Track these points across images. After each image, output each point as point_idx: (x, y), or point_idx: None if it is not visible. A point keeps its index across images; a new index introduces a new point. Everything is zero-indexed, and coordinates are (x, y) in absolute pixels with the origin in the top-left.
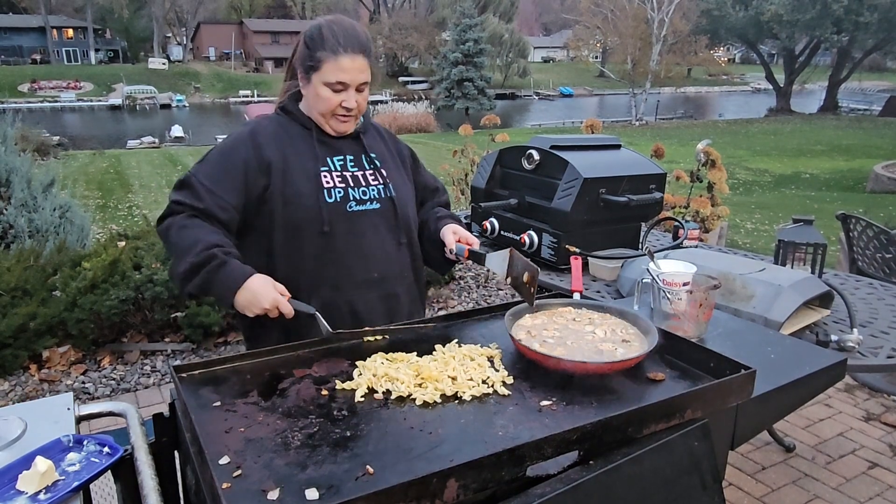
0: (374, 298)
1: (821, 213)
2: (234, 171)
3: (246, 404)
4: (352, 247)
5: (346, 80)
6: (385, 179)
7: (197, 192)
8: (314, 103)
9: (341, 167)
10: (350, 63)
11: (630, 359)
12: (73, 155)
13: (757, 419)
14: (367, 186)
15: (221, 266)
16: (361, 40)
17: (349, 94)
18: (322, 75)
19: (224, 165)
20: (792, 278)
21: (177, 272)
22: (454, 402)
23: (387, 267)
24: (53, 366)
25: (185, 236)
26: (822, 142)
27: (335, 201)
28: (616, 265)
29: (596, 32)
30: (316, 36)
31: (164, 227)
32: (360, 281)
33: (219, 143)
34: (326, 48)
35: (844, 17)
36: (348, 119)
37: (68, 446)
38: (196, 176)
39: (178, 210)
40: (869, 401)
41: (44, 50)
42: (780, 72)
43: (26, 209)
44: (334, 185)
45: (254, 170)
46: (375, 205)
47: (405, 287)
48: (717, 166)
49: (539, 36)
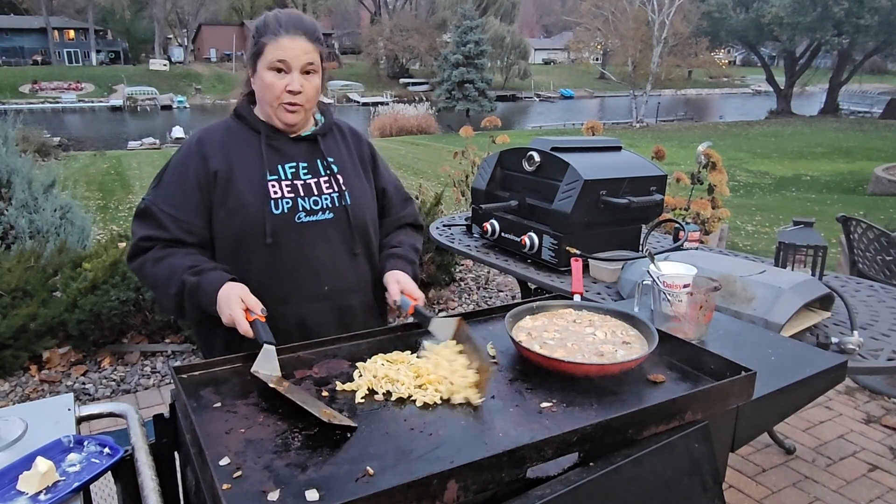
0: (325, 311)
1: (821, 215)
2: (189, 191)
3: (246, 405)
4: (300, 259)
5: (287, 58)
6: (341, 186)
7: (160, 221)
8: (262, 94)
9: (292, 175)
10: (290, 42)
11: (630, 360)
12: (73, 156)
13: (757, 421)
14: (319, 195)
15: (195, 289)
16: (304, 23)
17: (293, 77)
18: (265, 59)
19: (180, 186)
20: (792, 280)
21: (166, 308)
22: (454, 403)
23: (338, 279)
24: (54, 366)
25: (160, 271)
26: (823, 144)
27: (282, 212)
28: (616, 267)
29: (597, 34)
30: (260, 25)
31: (136, 265)
32: (310, 294)
33: (171, 160)
34: (269, 32)
35: (845, 19)
36: (296, 108)
37: (69, 447)
38: (156, 204)
39: (148, 246)
40: (869, 403)
41: (45, 51)
42: (781, 74)
43: (27, 210)
44: (282, 196)
45: (204, 183)
46: (328, 214)
47: (360, 298)
48: (718, 168)
49: (540, 38)
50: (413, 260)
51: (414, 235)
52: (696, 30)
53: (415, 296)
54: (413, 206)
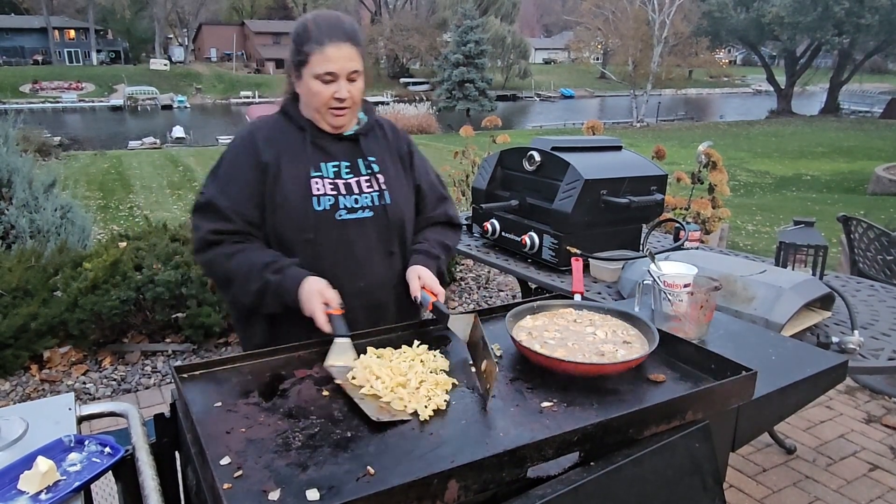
0: (359, 307)
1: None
2: (244, 183)
3: (247, 405)
4: (339, 256)
5: (334, 69)
6: (381, 186)
7: (225, 214)
8: (308, 99)
9: (335, 174)
10: (336, 52)
11: (631, 360)
12: (74, 155)
13: (758, 421)
14: (360, 194)
15: (279, 286)
16: (346, 29)
17: (340, 85)
18: (311, 68)
19: (236, 179)
20: (793, 280)
21: (242, 300)
22: (453, 397)
23: (375, 276)
24: (54, 366)
25: (236, 266)
26: (823, 144)
27: (324, 209)
28: (617, 267)
29: (597, 34)
30: (301, 31)
31: (207, 258)
32: (346, 290)
33: (224, 155)
34: (311, 41)
35: (846, 19)
36: (343, 112)
37: (69, 446)
38: (216, 198)
39: (217, 240)
40: (870, 403)
41: (45, 51)
42: (782, 74)
43: (28, 210)
44: (324, 193)
45: (258, 175)
46: (368, 213)
47: (395, 296)
48: (718, 168)
49: (540, 37)
50: (436, 255)
51: (444, 232)
52: (697, 29)
53: (435, 291)
54: (448, 205)
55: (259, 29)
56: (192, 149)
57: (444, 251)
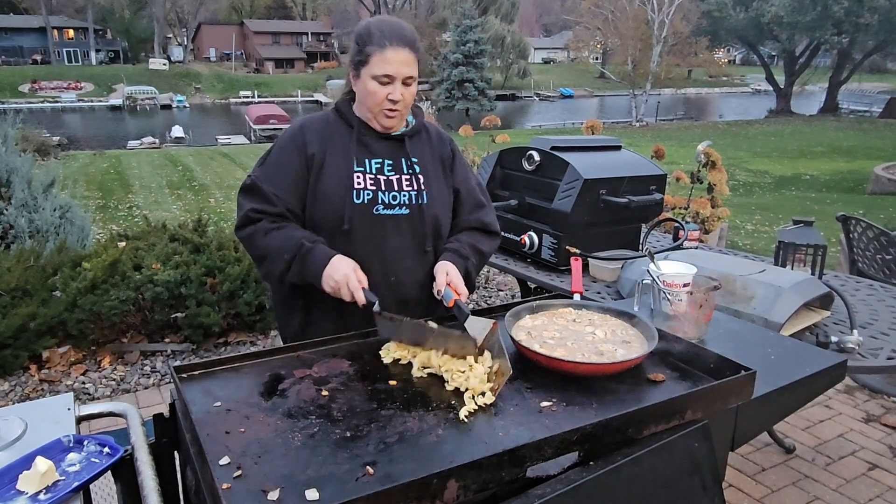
0: (389, 301)
1: (821, 214)
2: (290, 172)
3: (246, 405)
4: (373, 248)
5: (392, 72)
6: (421, 186)
7: (268, 197)
8: (364, 98)
9: (377, 170)
10: (395, 55)
11: (630, 360)
12: (73, 155)
13: (757, 420)
14: (398, 191)
15: (309, 252)
16: (406, 35)
17: (395, 87)
18: (370, 69)
19: (283, 168)
20: (792, 280)
21: (274, 272)
22: (454, 402)
23: (406, 272)
24: (53, 366)
25: (274, 239)
26: (823, 143)
27: (363, 203)
28: (616, 266)
29: (596, 34)
30: (364, 33)
31: (246, 234)
32: (378, 283)
33: (276, 143)
34: (374, 42)
35: (845, 18)
36: (395, 114)
37: (68, 446)
38: (261, 181)
39: (257, 217)
40: (869, 402)
41: (44, 50)
42: (781, 73)
43: (27, 209)
44: (364, 187)
45: (304, 168)
46: (405, 210)
47: (425, 295)
48: (718, 167)
49: (539, 37)
50: (467, 256)
51: (479, 238)
52: (696, 29)
53: (459, 290)
54: (485, 212)
55: (258, 28)
56: (192, 148)
57: (475, 254)
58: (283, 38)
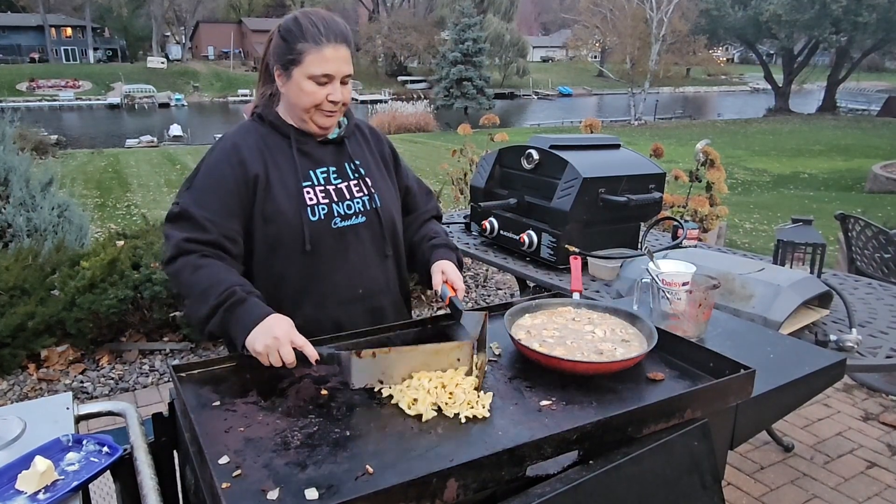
0: (359, 312)
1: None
2: (225, 194)
3: (245, 404)
4: (336, 264)
5: (332, 70)
6: (370, 189)
7: (200, 224)
8: (297, 99)
9: (325, 180)
10: (334, 53)
11: (630, 359)
12: (71, 154)
13: (756, 419)
14: (351, 199)
15: (242, 302)
16: (342, 30)
17: (335, 87)
18: (305, 68)
19: (215, 190)
20: (791, 278)
21: (196, 315)
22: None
23: (372, 281)
24: (52, 365)
25: (203, 277)
26: (821, 142)
27: (319, 219)
28: (615, 265)
29: (595, 32)
30: (294, 28)
31: (175, 268)
32: (345, 297)
33: (203, 165)
34: (308, 39)
35: (843, 17)
36: (334, 113)
37: (67, 446)
38: (192, 208)
39: (189, 248)
40: (867, 400)
41: (42, 49)
42: (779, 72)
43: (25, 208)
44: (318, 202)
45: (242, 189)
46: (361, 218)
47: (391, 299)
48: (716, 166)
49: (538, 35)
50: (455, 247)
51: (440, 226)
52: (695, 27)
53: (456, 286)
54: (434, 199)
55: (257, 27)
56: (190, 147)
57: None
58: None
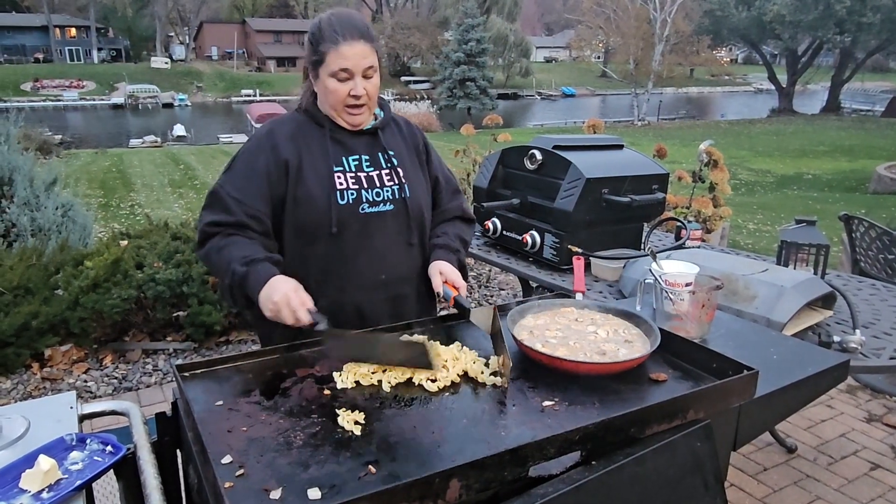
0: (381, 300)
1: (823, 213)
2: (257, 179)
3: (248, 403)
4: (361, 248)
5: (349, 66)
6: (401, 179)
7: (226, 204)
8: (325, 98)
9: (356, 168)
10: (350, 49)
11: (632, 359)
12: (75, 154)
13: (759, 420)
14: (381, 187)
15: (245, 277)
16: (359, 26)
17: (356, 82)
18: (327, 67)
19: (248, 174)
20: (794, 279)
21: (225, 299)
22: (455, 397)
23: (395, 269)
24: (56, 364)
25: (222, 258)
26: (825, 142)
27: (347, 203)
28: (618, 265)
29: (598, 32)
30: (316, 31)
31: (204, 252)
32: (368, 282)
33: (241, 149)
34: (326, 40)
35: (847, 17)
36: (360, 109)
37: (71, 445)
38: (224, 188)
39: (213, 231)
40: (871, 402)
41: (46, 49)
42: (783, 72)
43: (29, 208)
44: (347, 187)
45: (274, 173)
46: (389, 206)
47: (414, 288)
48: (720, 167)
49: (541, 36)
50: (457, 249)
51: (461, 227)
52: (698, 28)
53: (457, 285)
54: (462, 199)
55: (260, 27)
56: (194, 147)
57: (462, 245)
58: (285, 37)
